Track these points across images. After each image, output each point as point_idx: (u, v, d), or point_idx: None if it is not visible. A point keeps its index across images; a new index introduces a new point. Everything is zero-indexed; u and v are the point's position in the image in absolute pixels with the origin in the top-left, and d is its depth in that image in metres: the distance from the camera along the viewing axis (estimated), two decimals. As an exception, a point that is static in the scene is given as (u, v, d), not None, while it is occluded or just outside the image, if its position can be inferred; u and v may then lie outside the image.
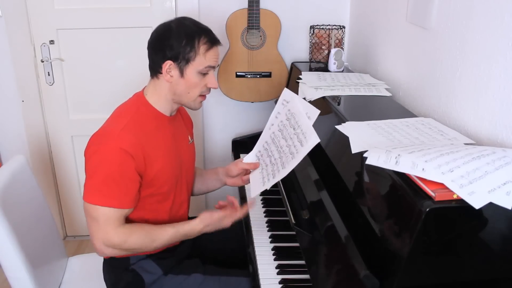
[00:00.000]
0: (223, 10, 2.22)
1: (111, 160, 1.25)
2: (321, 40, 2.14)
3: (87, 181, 1.28)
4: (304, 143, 1.26)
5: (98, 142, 1.28)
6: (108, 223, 1.26)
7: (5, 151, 2.43)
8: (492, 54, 1.18)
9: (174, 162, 1.41)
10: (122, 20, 2.29)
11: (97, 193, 1.25)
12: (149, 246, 1.33)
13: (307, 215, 1.34)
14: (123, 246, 1.29)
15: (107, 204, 1.25)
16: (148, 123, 1.35)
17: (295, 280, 1.30)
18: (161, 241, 1.33)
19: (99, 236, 1.27)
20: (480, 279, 0.94)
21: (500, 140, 1.15)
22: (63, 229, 2.66)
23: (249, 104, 2.45)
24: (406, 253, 0.86)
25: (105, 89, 2.40)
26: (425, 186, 0.87)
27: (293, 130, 1.34)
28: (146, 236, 1.31)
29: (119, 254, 1.33)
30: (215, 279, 1.41)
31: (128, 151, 1.25)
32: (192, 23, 1.35)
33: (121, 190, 1.26)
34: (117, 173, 1.25)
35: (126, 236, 1.28)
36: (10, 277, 1.36)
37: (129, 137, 1.27)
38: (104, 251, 1.29)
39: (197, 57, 1.31)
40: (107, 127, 1.33)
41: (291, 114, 1.38)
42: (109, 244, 1.27)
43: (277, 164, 1.36)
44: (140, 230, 1.31)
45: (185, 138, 1.51)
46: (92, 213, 1.26)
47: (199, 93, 1.38)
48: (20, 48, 2.27)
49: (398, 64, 1.77)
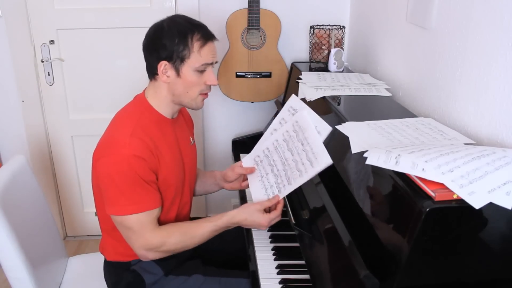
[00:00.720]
0: (223, 10, 2.22)
1: (128, 168, 1.23)
2: (321, 40, 2.14)
3: (109, 194, 1.26)
4: (314, 164, 1.21)
5: (109, 153, 1.25)
6: (144, 228, 1.26)
7: (5, 151, 2.43)
8: (492, 54, 1.18)
9: (178, 166, 1.41)
10: (122, 20, 2.30)
11: (124, 204, 1.24)
12: (190, 244, 1.33)
13: (307, 215, 1.34)
14: (163, 247, 1.29)
15: (137, 210, 1.25)
16: (153, 128, 1.33)
17: (295, 280, 1.30)
18: (200, 237, 1.32)
19: (139, 243, 1.28)
20: (480, 279, 0.94)
21: (500, 140, 1.15)
22: (63, 229, 2.66)
23: (249, 104, 2.45)
24: (406, 253, 0.86)
25: (105, 89, 2.40)
26: (425, 186, 0.87)
27: (301, 146, 1.27)
28: (185, 234, 1.31)
29: (162, 256, 1.33)
30: (215, 280, 1.41)
31: (142, 156, 1.25)
32: (184, 20, 1.32)
33: (146, 193, 1.26)
34: (137, 179, 1.24)
35: (164, 237, 1.29)
36: (10, 277, 1.36)
37: (140, 143, 1.26)
38: (147, 256, 1.30)
39: (191, 55, 1.28)
40: (114, 134, 1.30)
41: (299, 127, 1.30)
42: (150, 247, 1.28)
43: (281, 177, 1.33)
44: (177, 229, 1.32)
45: (187, 140, 1.51)
46: (126, 224, 1.26)
47: (199, 92, 1.34)
48: (20, 48, 2.27)
49: (398, 64, 1.77)
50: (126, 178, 1.23)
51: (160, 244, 1.28)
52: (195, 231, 1.32)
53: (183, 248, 1.34)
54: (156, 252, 1.30)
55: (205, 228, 1.32)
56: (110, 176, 1.24)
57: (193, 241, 1.33)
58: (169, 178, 1.35)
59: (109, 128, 1.34)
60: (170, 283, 1.41)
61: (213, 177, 1.61)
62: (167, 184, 1.35)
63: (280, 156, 1.35)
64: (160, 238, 1.28)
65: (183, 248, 1.33)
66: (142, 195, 1.26)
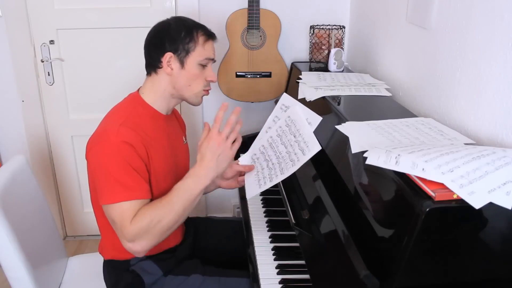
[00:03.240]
0: (223, 10, 2.22)
1: (117, 154, 1.22)
2: (321, 40, 2.14)
3: (100, 182, 1.23)
4: (306, 151, 1.27)
5: (99, 141, 1.26)
6: (123, 218, 1.19)
7: (5, 151, 2.43)
8: (492, 54, 1.18)
9: (170, 161, 1.41)
10: (122, 20, 2.30)
11: (114, 191, 1.20)
12: (168, 214, 1.21)
13: (307, 215, 1.34)
14: (142, 230, 1.19)
15: (127, 198, 1.20)
16: (145, 121, 1.34)
17: (295, 280, 1.30)
18: (175, 201, 1.22)
19: (122, 236, 1.20)
20: (480, 279, 0.94)
21: (500, 140, 1.15)
22: (63, 229, 2.66)
23: (249, 104, 2.45)
24: (406, 253, 0.86)
25: (105, 89, 2.40)
26: (425, 186, 0.87)
27: (293, 138, 1.35)
28: (155, 206, 1.22)
29: (154, 240, 1.22)
30: (214, 280, 1.41)
31: (130, 143, 1.24)
32: (189, 19, 1.39)
33: (134, 181, 1.23)
34: (126, 165, 1.22)
35: (138, 221, 1.19)
36: (10, 277, 1.36)
37: (129, 131, 1.26)
38: (136, 248, 1.20)
39: (196, 48, 1.33)
40: (104, 125, 1.31)
41: (291, 121, 1.38)
42: (131, 237, 1.19)
43: (275, 169, 1.37)
44: (146, 206, 1.22)
45: (180, 138, 1.52)
46: (109, 215, 1.23)
47: (201, 87, 1.38)
48: (20, 48, 2.27)
49: (398, 64, 1.77)
50: (115, 164, 1.22)
51: (137, 229, 1.18)
52: (164, 198, 1.23)
53: (163, 222, 1.21)
54: (141, 239, 1.19)
55: (172, 191, 1.24)
56: (100, 164, 1.23)
57: (168, 209, 1.21)
58: (160, 171, 1.34)
59: (101, 122, 1.35)
60: (169, 283, 1.41)
61: None
62: (158, 178, 1.33)
63: (275, 151, 1.40)
64: (134, 223, 1.19)
65: (162, 221, 1.21)
66: (130, 183, 1.22)
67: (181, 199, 1.24)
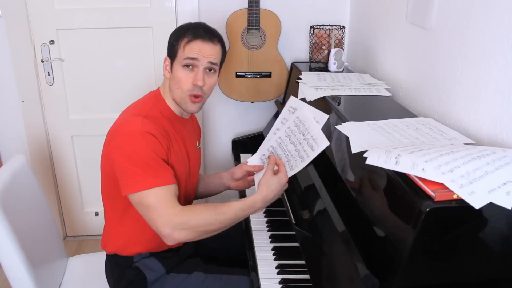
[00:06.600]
0: (223, 10, 2.22)
1: (143, 143, 1.24)
2: (321, 40, 2.14)
3: (125, 172, 1.24)
4: (314, 147, 1.33)
5: (122, 131, 1.28)
6: (164, 204, 1.21)
7: (5, 151, 2.43)
8: (492, 54, 1.18)
9: (184, 161, 1.42)
10: (122, 20, 2.29)
11: (142, 179, 1.21)
12: (217, 221, 1.25)
13: (307, 215, 1.34)
14: (189, 223, 1.21)
15: (156, 184, 1.21)
16: (164, 119, 1.36)
17: (295, 280, 1.30)
18: (228, 215, 1.26)
19: (162, 221, 1.19)
20: (480, 279, 0.94)
21: (500, 140, 1.15)
22: (63, 229, 2.66)
23: (249, 104, 2.45)
24: (406, 253, 0.86)
25: (105, 89, 2.40)
26: (425, 186, 0.87)
27: (302, 136, 1.39)
28: (210, 210, 1.25)
29: (192, 236, 1.24)
30: (216, 278, 1.42)
31: (154, 134, 1.26)
32: (192, 23, 1.40)
33: (162, 168, 1.25)
34: (152, 154, 1.24)
35: (188, 212, 1.22)
36: (10, 277, 1.36)
37: (153, 124, 1.29)
38: (174, 236, 1.20)
39: (178, 51, 1.35)
40: (125, 117, 1.33)
41: (299, 121, 1.43)
42: (174, 225, 1.19)
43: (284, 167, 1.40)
44: (202, 206, 1.26)
45: (194, 142, 1.52)
46: (145, 202, 1.21)
47: (187, 91, 1.34)
48: (20, 48, 2.27)
49: (398, 64, 1.77)
50: (142, 153, 1.23)
51: (185, 220, 1.21)
52: (222, 207, 1.27)
53: (211, 227, 1.25)
54: (183, 230, 1.20)
55: (231, 206, 1.28)
56: (126, 153, 1.24)
57: (221, 218, 1.25)
58: (176, 168, 1.34)
59: (120, 116, 1.37)
60: (171, 281, 1.41)
61: (219, 177, 1.63)
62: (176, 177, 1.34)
63: (284, 150, 1.44)
64: (183, 213, 1.21)
65: (209, 225, 1.24)
66: (159, 170, 1.24)
67: (236, 214, 1.28)
